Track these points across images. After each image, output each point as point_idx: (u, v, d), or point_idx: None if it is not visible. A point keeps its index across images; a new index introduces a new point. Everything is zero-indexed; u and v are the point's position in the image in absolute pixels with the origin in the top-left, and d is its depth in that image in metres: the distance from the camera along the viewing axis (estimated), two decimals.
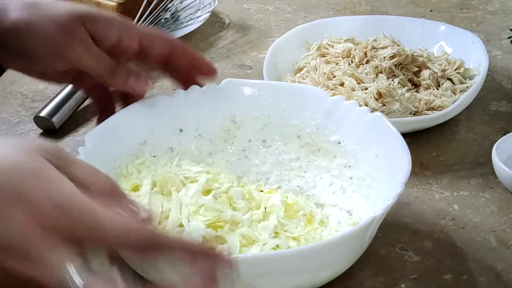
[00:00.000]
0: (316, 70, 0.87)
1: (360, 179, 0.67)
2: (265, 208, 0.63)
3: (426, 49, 0.92)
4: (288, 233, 0.61)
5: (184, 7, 1.10)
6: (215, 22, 1.12)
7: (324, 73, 0.85)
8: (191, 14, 1.09)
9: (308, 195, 0.69)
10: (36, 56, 0.64)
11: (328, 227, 0.64)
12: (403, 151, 0.63)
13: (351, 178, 0.68)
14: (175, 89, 0.71)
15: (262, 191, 0.68)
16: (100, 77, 0.66)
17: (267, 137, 0.72)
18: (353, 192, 0.67)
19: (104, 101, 0.71)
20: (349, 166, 0.69)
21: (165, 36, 0.69)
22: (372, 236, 0.60)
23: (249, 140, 0.72)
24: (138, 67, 0.69)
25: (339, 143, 0.69)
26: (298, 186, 0.70)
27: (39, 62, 0.64)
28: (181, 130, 0.70)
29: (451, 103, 0.82)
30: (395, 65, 0.87)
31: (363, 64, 0.87)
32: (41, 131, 0.84)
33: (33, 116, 0.84)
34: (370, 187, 0.66)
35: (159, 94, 0.71)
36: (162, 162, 0.69)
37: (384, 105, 0.80)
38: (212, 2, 1.10)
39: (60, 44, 0.63)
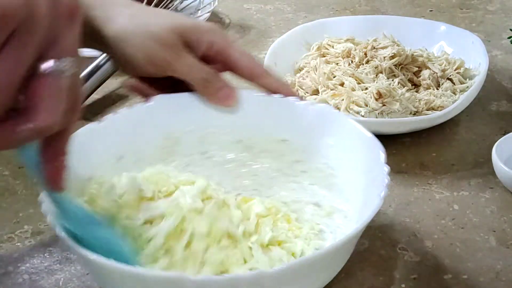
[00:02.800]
0: (316, 70, 0.87)
1: (316, 171, 0.67)
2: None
3: (426, 49, 0.92)
4: (286, 244, 0.61)
5: (184, 7, 1.10)
6: (215, 22, 1.12)
7: (324, 73, 0.86)
8: (191, 14, 1.09)
9: (269, 196, 0.67)
10: (137, 64, 0.67)
11: (306, 222, 0.64)
12: (363, 136, 0.63)
13: (304, 172, 0.67)
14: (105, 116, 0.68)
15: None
16: (194, 85, 0.68)
17: (208, 148, 0.69)
18: (312, 185, 0.67)
19: None
20: (301, 161, 0.68)
21: (251, 59, 0.70)
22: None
23: (190, 154, 0.69)
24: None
25: (285, 140, 0.68)
26: (255, 189, 0.68)
27: (139, 69, 0.68)
28: (121, 158, 0.66)
29: (451, 103, 0.82)
30: (395, 65, 0.87)
31: (363, 64, 0.87)
32: None
33: None
34: (333, 177, 0.66)
35: (92, 123, 0.67)
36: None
37: (384, 105, 0.80)
38: (212, 2, 1.10)
39: (157, 57, 0.67)
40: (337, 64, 0.88)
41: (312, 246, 0.62)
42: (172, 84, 0.70)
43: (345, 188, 0.64)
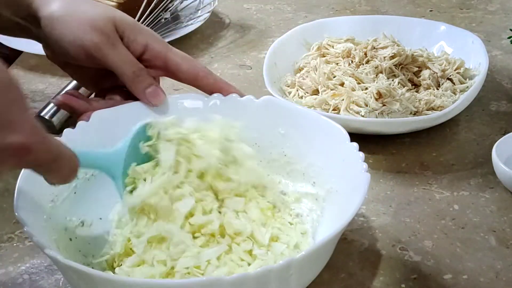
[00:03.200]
0: (316, 70, 0.87)
1: (272, 161, 0.68)
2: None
3: (426, 49, 0.92)
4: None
5: (184, 7, 1.10)
6: (215, 22, 1.12)
7: (324, 73, 0.85)
8: (191, 14, 1.09)
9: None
10: (68, 49, 0.67)
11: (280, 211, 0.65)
12: (316, 120, 0.65)
13: (259, 162, 0.67)
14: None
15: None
16: (123, 77, 0.68)
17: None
18: (269, 175, 0.67)
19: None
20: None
21: (192, 63, 0.70)
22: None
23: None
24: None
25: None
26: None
27: (70, 56, 0.68)
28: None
29: (451, 103, 0.82)
30: (395, 65, 0.87)
31: (363, 64, 0.87)
32: None
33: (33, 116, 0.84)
34: (290, 164, 0.67)
35: None
36: None
37: (384, 105, 0.80)
38: (212, 2, 1.10)
39: (88, 40, 0.66)
40: (337, 64, 0.88)
41: (299, 231, 0.63)
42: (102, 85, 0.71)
43: (307, 172, 0.66)
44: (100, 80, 0.72)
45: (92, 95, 0.77)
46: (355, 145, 0.61)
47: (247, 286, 0.50)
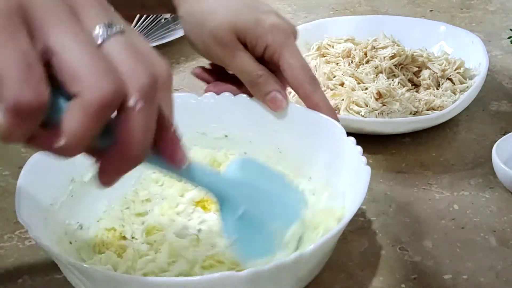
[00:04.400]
0: (316, 70, 0.87)
1: (267, 157, 0.68)
2: None
3: (426, 49, 0.92)
4: None
5: None
6: None
7: (324, 73, 0.85)
8: None
9: None
10: (199, 51, 0.71)
11: None
12: (308, 116, 0.66)
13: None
14: None
15: None
16: (245, 84, 0.69)
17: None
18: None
19: None
20: (246, 152, 0.69)
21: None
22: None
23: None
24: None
25: (226, 136, 0.70)
26: None
27: (203, 55, 0.71)
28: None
29: (451, 103, 0.82)
30: (395, 65, 0.87)
31: (363, 64, 0.87)
32: None
33: None
34: (284, 160, 0.68)
35: None
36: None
37: (384, 105, 0.80)
38: None
39: (212, 53, 0.69)
40: (337, 64, 0.88)
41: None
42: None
43: (302, 167, 0.66)
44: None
45: None
46: (352, 139, 0.61)
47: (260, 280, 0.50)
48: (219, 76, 0.73)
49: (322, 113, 0.67)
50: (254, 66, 0.68)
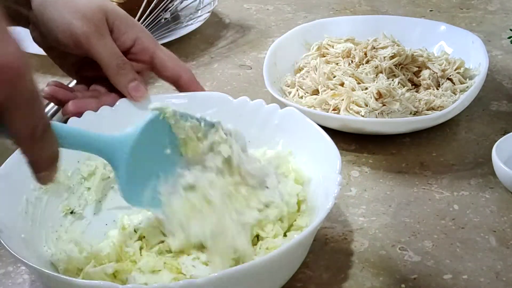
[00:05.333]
0: (316, 70, 0.87)
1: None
2: None
3: (426, 49, 0.92)
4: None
5: (184, 7, 1.10)
6: (215, 22, 1.12)
7: (324, 73, 0.85)
8: (191, 14, 1.09)
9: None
10: (57, 35, 0.68)
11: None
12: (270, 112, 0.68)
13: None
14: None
15: None
16: (107, 68, 0.68)
17: None
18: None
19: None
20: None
21: (178, 63, 0.71)
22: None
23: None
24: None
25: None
26: None
27: (58, 42, 0.68)
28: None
29: (451, 103, 0.82)
30: (395, 65, 0.87)
31: (363, 64, 0.87)
32: None
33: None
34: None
35: None
36: None
37: (384, 105, 0.80)
38: (212, 2, 1.10)
39: (77, 27, 0.67)
40: (337, 64, 0.88)
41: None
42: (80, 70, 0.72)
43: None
44: (83, 68, 0.73)
45: (73, 83, 0.78)
46: (331, 143, 0.62)
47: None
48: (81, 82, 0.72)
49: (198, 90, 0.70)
50: (119, 52, 0.68)
